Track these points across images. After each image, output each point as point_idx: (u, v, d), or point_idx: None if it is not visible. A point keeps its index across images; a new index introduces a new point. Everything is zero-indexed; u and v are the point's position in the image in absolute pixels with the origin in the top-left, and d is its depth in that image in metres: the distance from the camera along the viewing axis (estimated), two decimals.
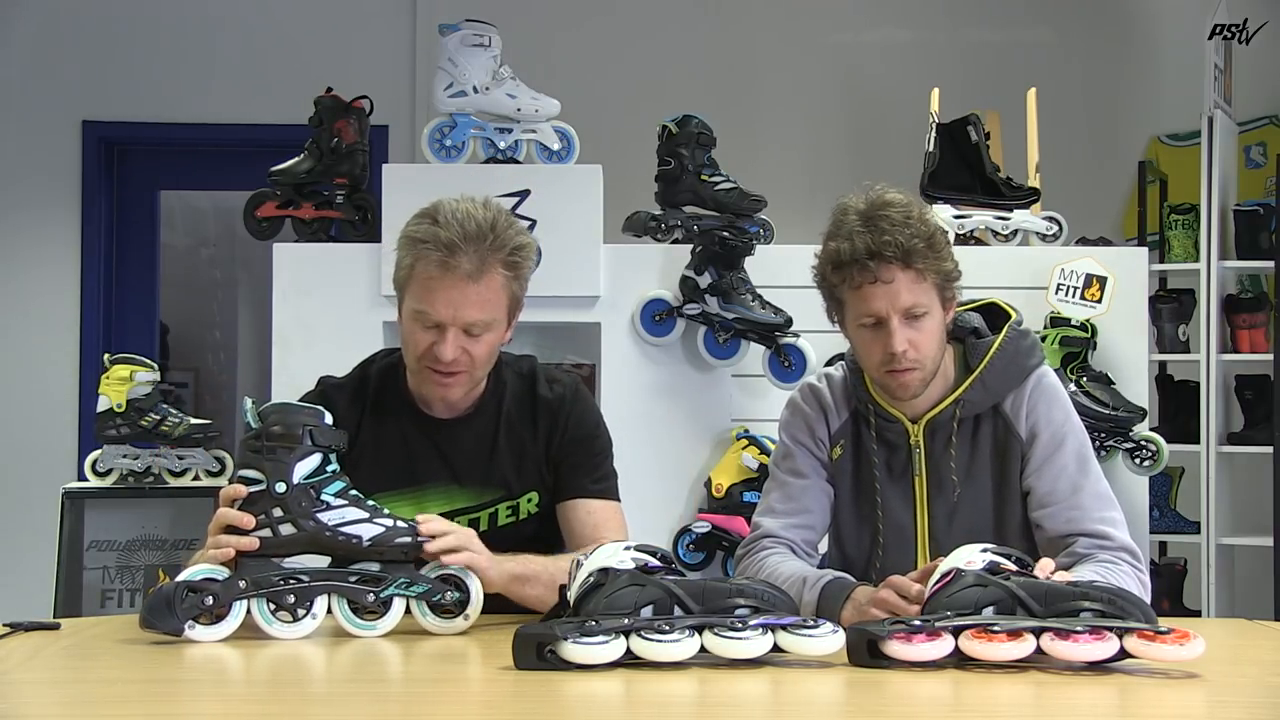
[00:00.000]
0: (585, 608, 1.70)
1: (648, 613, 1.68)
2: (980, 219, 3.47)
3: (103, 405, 3.45)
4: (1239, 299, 4.24)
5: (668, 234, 3.36)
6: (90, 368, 4.99)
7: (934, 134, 3.50)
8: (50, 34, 5.17)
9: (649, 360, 3.37)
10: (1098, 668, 1.64)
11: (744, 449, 3.27)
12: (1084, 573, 2.00)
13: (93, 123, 5.16)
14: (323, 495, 1.91)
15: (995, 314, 2.29)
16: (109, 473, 3.46)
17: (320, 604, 1.89)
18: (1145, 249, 3.73)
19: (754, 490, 3.15)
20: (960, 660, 1.66)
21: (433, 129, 3.38)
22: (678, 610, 1.69)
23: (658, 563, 1.74)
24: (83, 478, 3.62)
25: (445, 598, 1.93)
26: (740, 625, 1.66)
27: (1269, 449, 4.09)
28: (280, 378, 3.27)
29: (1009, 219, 3.48)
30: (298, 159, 3.45)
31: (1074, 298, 3.31)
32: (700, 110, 3.41)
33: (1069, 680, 1.61)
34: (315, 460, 1.91)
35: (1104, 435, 3.25)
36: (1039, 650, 1.64)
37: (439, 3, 4.92)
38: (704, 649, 1.66)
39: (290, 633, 1.87)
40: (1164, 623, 1.64)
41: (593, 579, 1.72)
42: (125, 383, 3.44)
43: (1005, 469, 2.19)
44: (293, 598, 1.87)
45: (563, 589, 1.79)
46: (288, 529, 1.89)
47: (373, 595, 1.90)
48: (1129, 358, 3.39)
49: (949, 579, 1.73)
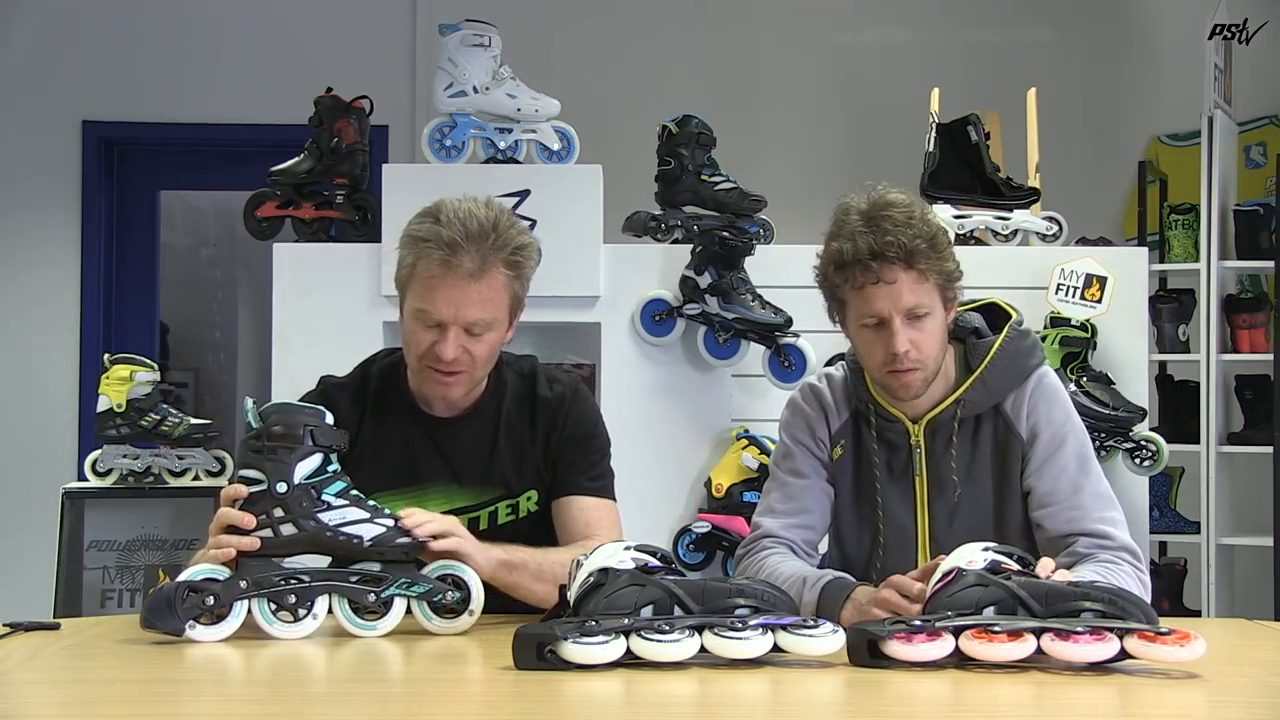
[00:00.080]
0: (585, 608, 1.70)
1: (648, 613, 1.68)
2: (980, 219, 3.47)
3: (103, 405, 3.45)
4: (1239, 299, 4.24)
5: (668, 234, 3.36)
6: (90, 368, 4.99)
7: (934, 134, 3.50)
8: (50, 34, 5.17)
9: (649, 360, 3.37)
10: (1098, 668, 1.64)
11: (744, 449, 3.27)
12: (1084, 573, 2.00)
13: (93, 123, 5.16)
14: (324, 495, 1.91)
15: (996, 314, 2.29)
16: (109, 473, 3.46)
17: (321, 604, 1.89)
18: (1145, 249, 3.73)
19: (754, 490, 3.15)
20: (960, 660, 1.66)
21: (433, 129, 3.39)
22: (678, 610, 1.69)
23: (658, 563, 1.74)
24: (83, 478, 3.62)
25: (446, 598, 1.94)
26: (740, 625, 1.66)
27: (1269, 449, 4.09)
28: (280, 378, 3.27)
29: (1009, 219, 3.48)
30: (298, 159, 3.45)
31: (1074, 298, 3.31)
32: (700, 110, 3.41)
33: (1069, 680, 1.61)
34: (316, 460, 1.91)
35: (1104, 435, 3.25)
36: (1039, 651, 1.64)
37: (439, 3, 4.93)
38: (704, 649, 1.66)
39: (291, 633, 1.87)
40: (1164, 623, 1.64)
41: (593, 579, 1.72)
42: (125, 383, 3.44)
43: (1006, 469, 2.19)
44: (293, 598, 1.87)
45: (563, 589, 1.79)
46: (289, 529, 1.89)
47: (373, 595, 1.91)
48: (1129, 358, 3.39)
49: (950, 578, 1.74)
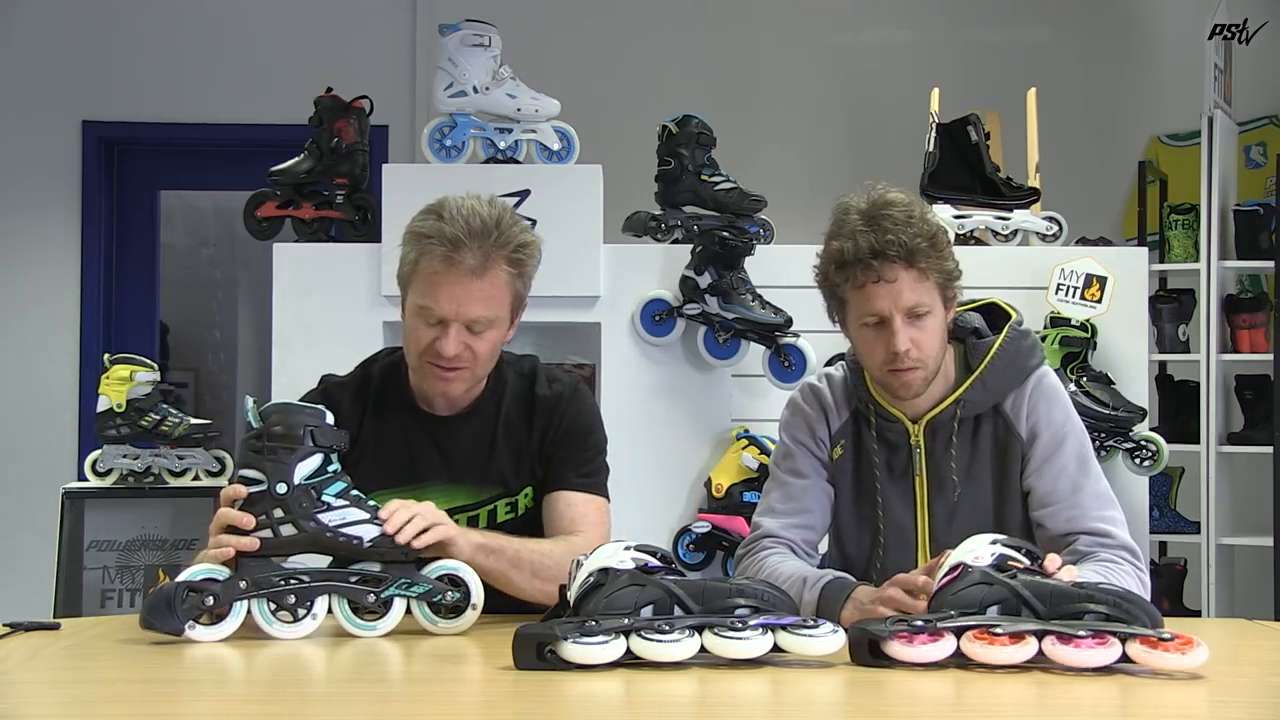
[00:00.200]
0: (585, 608, 1.70)
1: (648, 613, 1.68)
2: (980, 219, 3.47)
3: (103, 405, 3.45)
4: (1239, 299, 4.24)
5: (668, 234, 3.36)
6: (90, 368, 4.99)
7: (934, 134, 3.50)
8: (50, 34, 5.17)
9: (649, 360, 3.37)
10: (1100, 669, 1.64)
11: (744, 449, 3.27)
12: (1085, 571, 2.00)
13: (93, 123, 5.16)
14: (323, 496, 1.91)
15: (996, 314, 2.29)
16: (109, 473, 3.46)
17: (320, 604, 1.89)
18: (1145, 249, 3.73)
19: (754, 490, 3.15)
20: (962, 660, 1.66)
21: (433, 129, 3.39)
22: (678, 610, 1.69)
23: (658, 563, 1.74)
24: (83, 478, 3.62)
25: (445, 598, 1.93)
26: (740, 625, 1.66)
27: (1269, 449, 4.09)
28: (280, 378, 3.27)
29: (1009, 219, 3.48)
30: (298, 159, 3.45)
31: (1074, 298, 3.31)
32: (700, 110, 3.41)
33: (1070, 680, 1.61)
34: (316, 461, 1.91)
35: (1104, 435, 3.25)
36: (1040, 653, 1.64)
37: (439, 3, 4.93)
38: (704, 649, 1.66)
39: (290, 633, 1.87)
40: (1167, 623, 1.64)
41: (593, 579, 1.71)
42: (125, 383, 3.44)
43: (1005, 469, 2.19)
44: (293, 598, 1.87)
45: (563, 589, 1.78)
46: (288, 530, 1.89)
47: (373, 596, 1.90)
48: (1129, 358, 3.39)
49: (956, 574, 1.73)
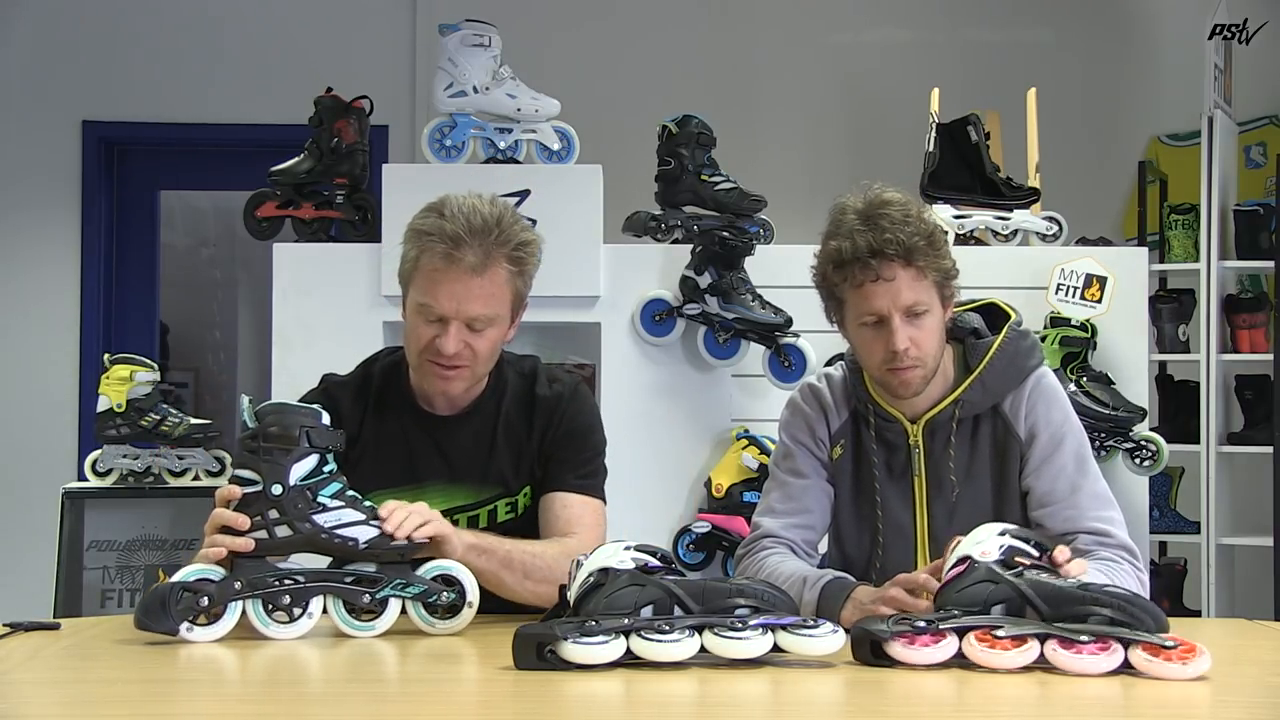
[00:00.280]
0: (585, 608, 1.69)
1: (648, 613, 1.68)
2: (980, 219, 3.47)
3: (103, 405, 3.45)
4: (1239, 299, 4.24)
5: (668, 234, 3.36)
6: (90, 368, 4.99)
7: (934, 134, 3.50)
8: (50, 34, 5.17)
9: (649, 360, 3.37)
10: None
11: (744, 449, 3.27)
12: (1089, 570, 1.99)
13: (93, 123, 5.16)
14: (319, 497, 1.90)
15: (995, 314, 2.29)
16: (109, 473, 3.46)
17: (316, 604, 1.88)
18: (1145, 249, 3.73)
19: (754, 490, 3.14)
20: (963, 661, 1.66)
21: (433, 129, 3.39)
22: (678, 610, 1.69)
23: (658, 563, 1.74)
24: (83, 478, 3.62)
25: (441, 598, 1.93)
26: (740, 625, 1.66)
27: (1269, 449, 4.09)
28: (280, 378, 3.27)
29: (1009, 219, 3.48)
30: (298, 159, 3.45)
31: (1074, 298, 3.31)
32: (700, 110, 3.41)
33: (1070, 680, 1.61)
34: (312, 462, 1.90)
35: (1104, 435, 3.25)
36: (1042, 657, 1.63)
37: (439, 3, 4.93)
38: (704, 649, 1.66)
39: (286, 633, 1.86)
40: (1172, 623, 1.64)
41: (593, 579, 1.71)
42: (125, 383, 3.44)
43: (1004, 469, 2.19)
44: (288, 598, 1.87)
45: (563, 589, 1.78)
46: (284, 531, 1.88)
47: (368, 596, 1.90)
48: (1129, 358, 3.39)
49: (963, 569, 1.73)
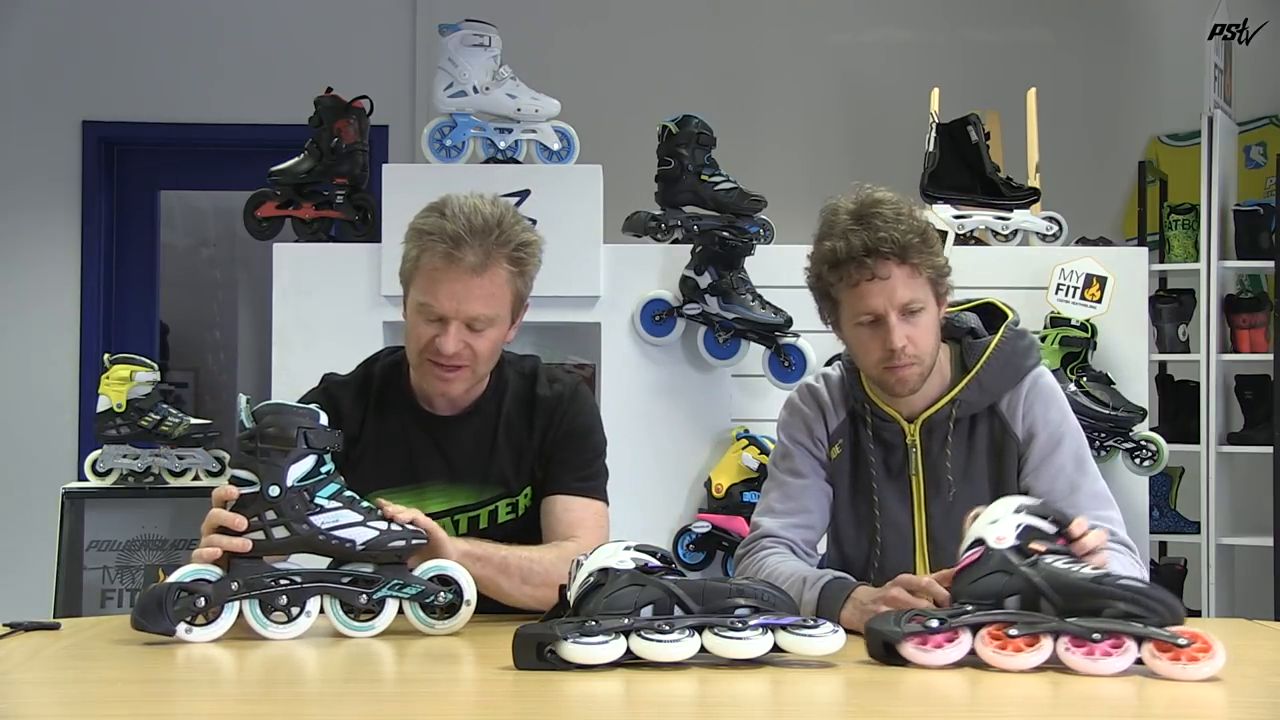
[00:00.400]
0: (585, 608, 1.69)
1: (648, 613, 1.68)
2: (980, 219, 3.47)
3: (103, 405, 3.45)
4: (1239, 299, 4.24)
5: (668, 234, 3.36)
6: (90, 368, 4.99)
7: (934, 134, 3.50)
8: (50, 34, 5.17)
9: (649, 360, 3.37)
10: None
11: (744, 449, 3.27)
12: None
13: (93, 123, 5.16)
14: (316, 498, 1.89)
15: (992, 314, 2.29)
16: (109, 473, 3.46)
17: (313, 604, 1.88)
18: (1145, 249, 3.73)
19: (754, 490, 3.14)
20: (974, 659, 1.66)
21: (433, 129, 3.39)
22: (678, 610, 1.69)
23: (658, 563, 1.74)
24: (83, 478, 3.62)
25: (438, 598, 1.93)
26: (740, 625, 1.66)
27: (1269, 449, 4.09)
28: (280, 378, 3.27)
29: (1009, 219, 3.48)
30: (298, 159, 3.45)
31: (1074, 298, 3.31)
32: (700, 110, 3.41)
33: (1073, 679, 1.61)
34: (309, 462, 1.89)
35: (1104, 435, 3.25)
36: (1054, 656, 1.63)
37: (439, 3, 4.93)
38: (704, 649, 1.66)
39: (283, 633, 1.86)
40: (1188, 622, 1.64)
41: (593, 579, 1.71)
42: (125, 383, 3.44)
43: (1002, 469, 2.19)
44: (285, 599, 1.86)
45: (563, 589, 1.78)
46: (281, 532, 1.88)
47: (365, 596, 1.90)
48: (1129, 358, 3.39)
49: (977, 556, 1.73)
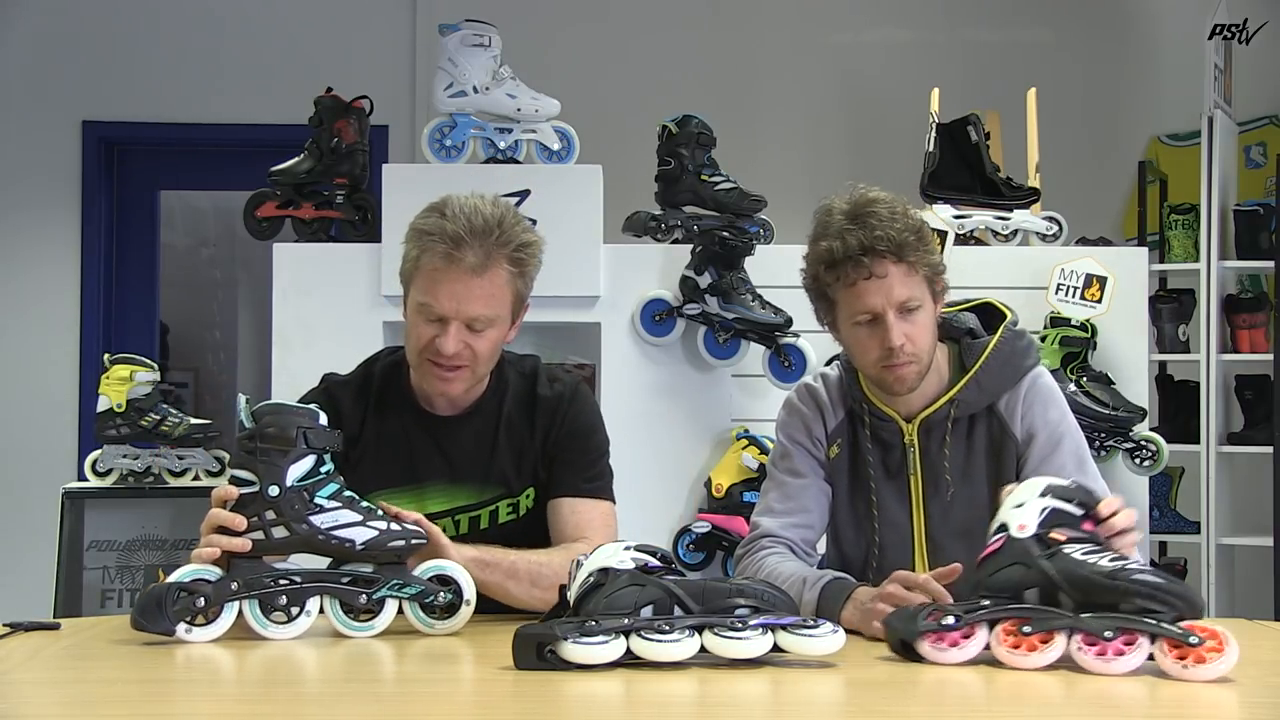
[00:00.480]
0: (585, 608, 1.69)
1: (648, 613, 1.68)
2: (980, 219, 3.48)
3: (103, 405, 3.45)
4: (1239, 299, 4.25)
5: (668, 234, 3.36)
6: (90, 368, 4.99)
7: (934, 134, 3.50)
8: (50, 34, 5.17)
9: (649, 360, 3.37)
10: None
11: (744, 449, 3.27)
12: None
13: (93, 123, 5.16)
14: (316, 498, 1.89)
15: (990, 314, 2.29)
16: (109, 473, 3.46)
17: (313, 604, 1.88)
18: (1145, 249, 3.74)
19: (754, 490, 3.14)
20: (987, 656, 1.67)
21: (433, 129, 3.39)
22: (678, 610, 1.68)
23: (658, 563, 1.74)
24: (83, 478, 3.62)
25: (438, 598, 1.93)
26: (740, 625, 1.65)
27: (1269, 449, 4.10)
28: (280, 378, 3.27)
29: (1009, 219, 3.48)
30: (298, 159, 3.45)
31: (1074, 298, 3.31)
32: (700, 110, 3.42)
33: (1076, 677, 1.61)
34: (309, 462, 1.89)
35: (1104, 435, 3.25)
36: (1067, 655, 1.63)
37: (439, 3, 4.93)
38: (704, 649, 1.65)
39: (283, 633, 1.86)
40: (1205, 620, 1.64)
41: (593, 579, 1.71)
42: (125, 383, 3.44)
43: (1000, 469, 2.18)
44: (285, 599, 1.86)
45: (563, 589, 1.78)
46: (280, 532, 1.87)
47: (365, 596, 1.89)
48: (1129, 358, 3.39)
49: (999, 545, 1.73)
